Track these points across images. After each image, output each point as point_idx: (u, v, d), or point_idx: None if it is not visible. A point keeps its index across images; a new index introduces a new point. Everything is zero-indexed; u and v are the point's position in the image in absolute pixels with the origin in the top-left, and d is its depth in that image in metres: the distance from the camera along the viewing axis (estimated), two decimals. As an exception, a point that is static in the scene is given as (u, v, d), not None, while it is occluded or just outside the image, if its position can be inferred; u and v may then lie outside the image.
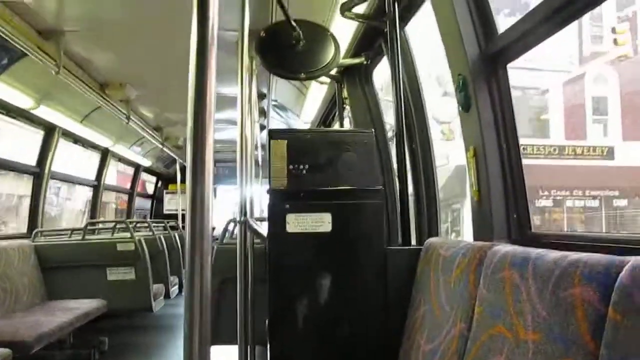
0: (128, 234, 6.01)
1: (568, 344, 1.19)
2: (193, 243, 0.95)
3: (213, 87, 0.98)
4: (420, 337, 2.10)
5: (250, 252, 3.15)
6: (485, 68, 2.29)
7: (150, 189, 12.22)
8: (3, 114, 5.29)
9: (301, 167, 2.48)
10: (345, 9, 3.08)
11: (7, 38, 3.68)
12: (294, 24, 2.85)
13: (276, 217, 2.40)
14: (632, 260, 1.09)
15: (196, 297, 0.94)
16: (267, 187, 2.49)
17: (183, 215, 10.78)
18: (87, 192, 8.57)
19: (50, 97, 5.21)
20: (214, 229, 7.75)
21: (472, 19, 2.34)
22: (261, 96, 5.78)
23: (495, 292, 1.58)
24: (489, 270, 1.66)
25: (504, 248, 1.66)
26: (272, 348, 2.46)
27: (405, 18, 3.10)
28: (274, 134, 2.54)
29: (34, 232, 5.73)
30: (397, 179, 2.97)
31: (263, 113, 6.47)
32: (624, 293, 1.06)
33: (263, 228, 2.89)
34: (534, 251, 1.47)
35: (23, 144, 6.18)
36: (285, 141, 2.49)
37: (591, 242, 1.69)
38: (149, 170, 10.98)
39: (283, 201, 2.40)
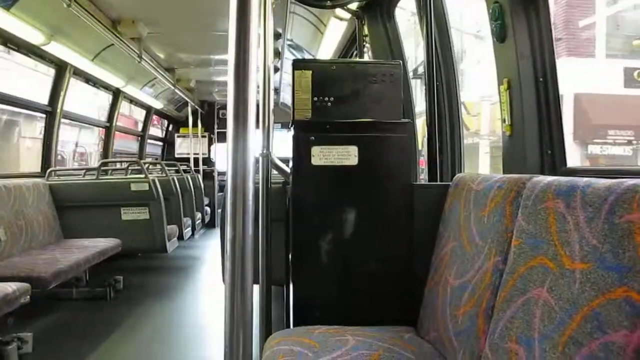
0: (142, 175, 5.98)
1: (623, 271, 1.13)
2: (234, 185, 0.92)
3: (254, 25, 0.94)
4: (448, 273, 2.05)
5: (270, 190, 3.11)
6: (524, -5, 2.16)
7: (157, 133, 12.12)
8: (15, 49, 5.18)
9: (326, 98, 2.39)
10: None
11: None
12: (318, -51, 2.71)
13: (300, 149, 2.33)
14: None
15: (238, 235, 0.92)
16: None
17: (195, 159, 10.88)
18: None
19: (61, 32, 5.08)
20: (223, 173, 7.78)
21: (511, -58, 2.20)
22: (276, 36, 5.62)
23: (536, 223, 1.51)
24: (529, 202, 1.58)
25: (546, 178, 1.58)
26: (295, 286, 2.43)
27: (434, -55, 2.94)
28: (298, 64, 2.44)
29: (47, 171, 5.71)
30: (423, 116, 2.87)
31: (277, 54, 6.32)
32: None
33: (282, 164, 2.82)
34: (580, 180, 1.40)
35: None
36: (310, 71, 2.40)
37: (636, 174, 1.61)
38: (160, 113, 10.88)
39: (307, 133, 2.33)
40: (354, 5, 4.06)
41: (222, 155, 11.75)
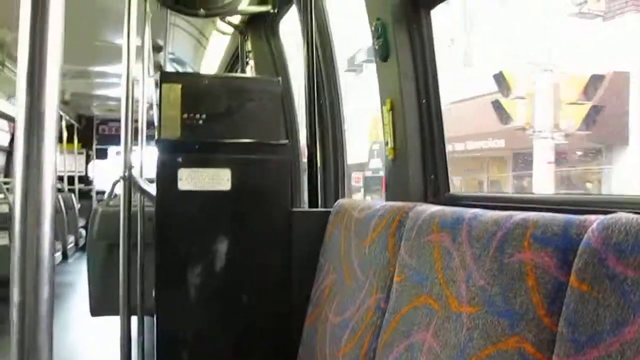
0: (1, 196, 5.38)
1: (514, 318, 1.00)
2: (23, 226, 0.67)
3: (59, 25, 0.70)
4: (328, 309, 1.88)
5: (139, 215, 2.82)
6: (407, 12, 2.06)
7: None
8: None
9: (197, 116, 2.16)
10: (252, -55, 2.75)
11: None
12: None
13: (166, 172, 2.07)
14: (601, 218, 0.90)
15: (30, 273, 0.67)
16: None
17: (70, 177, 10.11)
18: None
19: None
20: (104, 193, 7.22)
21: (393, -43, 2.10)
22: (157, 48, 5.31)
23: (420, 257, 1.37)
24: (412, 233, 1.44)
25: (430, 208, 1.45)
26: (159, 319, 2.15)
27: (317, -41, 2.82)
28: (166, 77, 2.20)
29: None
30: (304, 137, 2.71)
31: (159, 68, 5.99)
32: (592, 258, 0.87)
33: (151, 188, 2.55)
34: (467, 211, 1.27)
35: None
36: (180, 85, 2.15)
37: (522, 204, 1.52)
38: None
39: (175, 154, 2.07)
40: (236, 19, 3.86)
41: (102, 173, 11.09)
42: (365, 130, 13.60)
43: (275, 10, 3.58)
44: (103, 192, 10.38)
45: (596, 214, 0.96)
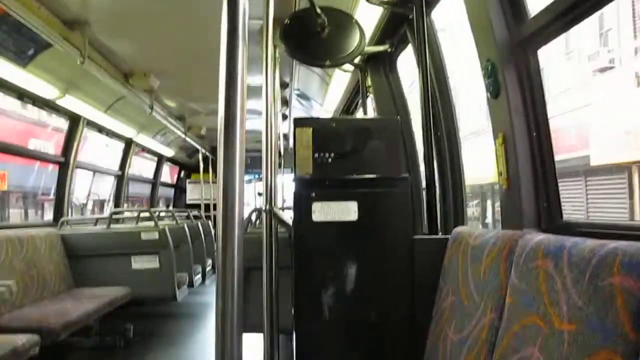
0: (152, 223, 6.05)
1: (607, 333, 1.16)
2: (225, 232, 0.95)
3: (244, 78, 0.97)
4: (448, 327, 2.08)
5: (274, 240, 3.15)
6: (514, 53, 2.23)
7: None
8: (30, 103, 5.35)
9: (326, 155, 2.46)
10: (370, -5, 3.04)
11: (33, 29, 3.71)
12: (318, 10, 2.82)
13: (302, 206, 2.39)
14: None
15: (228, 285, 0.95)
16: (290, 177, 2.48)
17: (206, 205, 10.97)
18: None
19: (75, 86, 5.25)
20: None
21: (501, 3, 2.28)
22: (283, 85, 5.76)
23: (528, 281, 1.55)
24: (520, 259, 1.62)
25: (536, 236, 1.63)
26: (297, 337, 2.45)
27: (430, 4, 3.05)
28: (299, 123, 2.52)
29: (60, 221, 5.81)
30: (423, 168, 2.93)
31: (285, 102, 6.46)
32: None
33: (286, 216, 2.88)
34: (568, 239, 1.44)
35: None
36: (311, 129, 2.47)
37: (626, 231, 1.64)
38: (171, 160, 11.03)
39: (308, 189, 2.39)
40: (357, 58, 4.17)
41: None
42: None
43: (393, 49, 3.85)
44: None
45: None
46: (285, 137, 7.65)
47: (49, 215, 6.59)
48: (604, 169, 11.85)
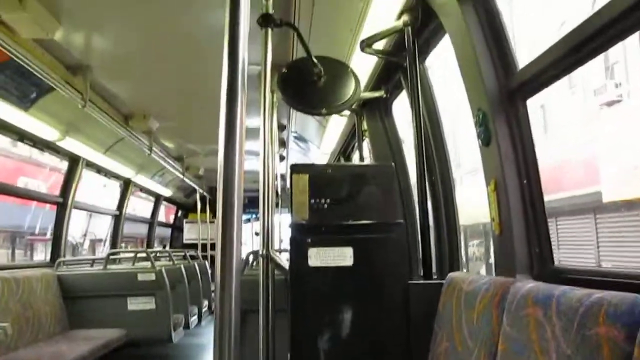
0: (149, 264, 6.05)
1: (594, 383, 1.19)
2: (223, 274, 0.98)
3: (243, 122, 1.02)
4: (443, 373, 2.09)
5: (271, 283, 3.17)
6: (504, 103, 2.31)
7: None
8: (30, 145, 5.42)
9: (322, 201, 2.51)
10: (365, 45, 3.13)
11: (36, 73, 3.80)
12: (315, 60, 2.91)
13: (298, 251, 2.42)
14: None
15: (226, 327, 0.98)
16: (287, 216, 2.52)
17: (203, 245, 10.96)
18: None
19: (75, 129, 5.33)
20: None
21: (491, 54, 2.37)
22: (281, 127, 5.85)
23: (519, 329, 1.58)
24: (512, 307, 1.65)
25: (527, 284, 1.66)
26: None
27: (424, 52, 3.15)
28: (295, 169, 2.58)
29: (56, 262, 5.80)
30: (418, 212, 2.98)
31: (283, 144, 6.55)
32: None
33: (283, 259, 2.91)
34: (557, 288, 1.48)
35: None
36: (307, 175, 2.53)
37: (614, 279, 1.68)
38: (169, 200, 11.07)
39: (305, 235, 2.43)
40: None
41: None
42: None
43: (388, 95, 3.95)
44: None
45: None
46: (283, 177, 7.73)
47: (38, 256, 6.58)
48: (617, 206, 11.53)
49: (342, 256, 2.40)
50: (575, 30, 1.83)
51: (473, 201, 4.74)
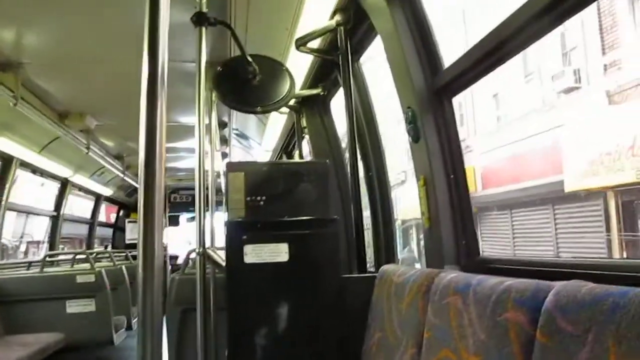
0: (88, 265, 5.93)
1: (503, 365, 1.27)
2: (145, 274, 1.00)
3: (164, 119, 1.04)
4: (375, 363, 2.17)
5: (211, 282, 3.17)
6: (432, 101, 2.40)
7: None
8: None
9: (258, 198, 2.54)
10: (300, 44, 3.18)
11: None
12: (249, 59, 2.93)
13: (234, 248, 2.45)
14: (557, 285, 1.18)
15: (148, 331, 1.00)
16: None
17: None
18: None
19: (7, 128, 5.16)
20: (177, 257, 7.73)
21: (419, 55, 2.46)
22: (222, 125, 5.83)
23: (441, 317, 1.66)
24: (435, 297, 1.74)
25: (450, 274, 1.75)
26: None
27: (357, 51, 3.22)
28: (231, 167, 2.60)
29: (-10, 266, 5.62)
30: (352, 207, 3.05)
31: (225, 141, 6.52)
32: (548, 317, 1.15)
33: (221, 258, 2.92)
34: (475, 277, 1.56)
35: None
36: (243, 173, 2.56)
37: (529, 267, 1.79)
38: (110, 199, 10.83)
39: (240, 232, 2.46)
40: (292, 101, 4.30)
41: (173, 240, 11.72)
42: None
43: (325, 93, 4.01)
44: (175, 257, 11.01)
45: (566, 279, 1.24)
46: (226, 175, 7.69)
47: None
48: (578, 196, 11.50)
49: (277, 252, 2.44)
50: (494, 32, 1.93)
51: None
